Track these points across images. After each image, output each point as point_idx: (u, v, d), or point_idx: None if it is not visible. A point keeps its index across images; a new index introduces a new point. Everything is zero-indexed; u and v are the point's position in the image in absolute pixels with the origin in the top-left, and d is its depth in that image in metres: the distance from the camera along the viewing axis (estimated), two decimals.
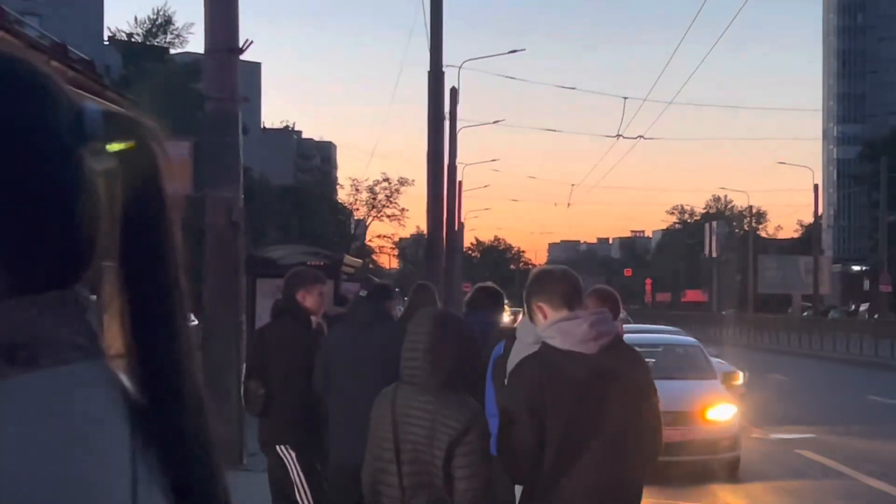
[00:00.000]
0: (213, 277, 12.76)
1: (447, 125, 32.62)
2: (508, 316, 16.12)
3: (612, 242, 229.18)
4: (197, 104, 31.68)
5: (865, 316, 65.58)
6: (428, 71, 26.87)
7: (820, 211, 75.41)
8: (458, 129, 38.90)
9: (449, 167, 33.51)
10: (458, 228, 46.99)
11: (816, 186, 69.37)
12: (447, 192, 31.93)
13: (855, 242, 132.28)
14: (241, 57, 13.04)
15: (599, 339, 4.30)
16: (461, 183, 49.15)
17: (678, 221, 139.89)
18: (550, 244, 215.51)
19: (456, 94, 37.01)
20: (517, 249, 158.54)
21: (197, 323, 13.57)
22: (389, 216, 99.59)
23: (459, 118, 38.70)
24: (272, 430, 7.45)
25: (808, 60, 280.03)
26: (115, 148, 1.01)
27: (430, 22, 26.61)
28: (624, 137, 41.39)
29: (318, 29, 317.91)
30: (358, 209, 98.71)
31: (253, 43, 13.02)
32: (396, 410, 4.28)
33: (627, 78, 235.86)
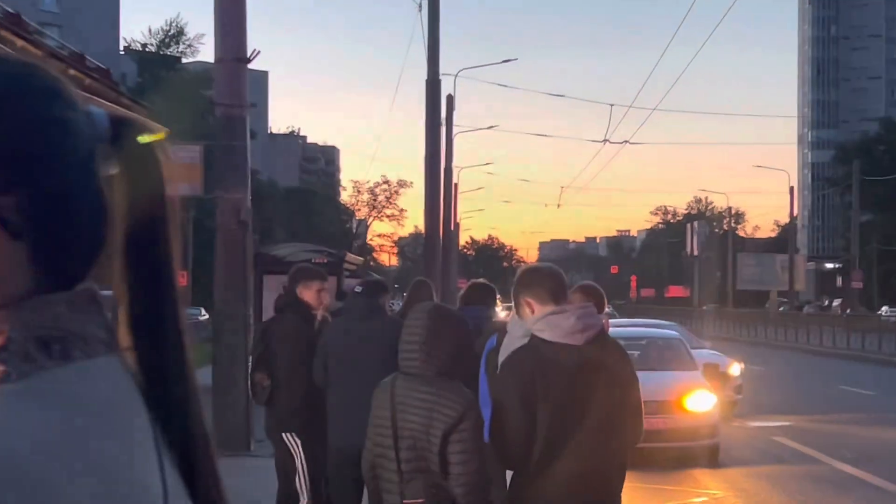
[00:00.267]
0: (223, 274, 12.76)
1: (444, 130, 32.58)
2: (502, 311, 16.18)
3: (599, 241, 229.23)
4: (207, 110, 31.70)
5: (838, 311, 65.58)
6: (426, 80, 26.87)
7: (795, 212, 75.56)
8: (454, 134, 38.87)
9: (445, 170, 33.47)
10: (454, 228, 47.04)
11: (792, 188, 69.70)
12: (444, 193, 31.92)
13: (828, 241, 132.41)
14: (248, 66, 13.06)
15: (586, 331, 4.33)
16: (457, 185, 49.23)
17: (662, 221, 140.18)
18: (541, 243, 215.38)
19: (452, 101, 36.96)
20: (510, 248, 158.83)
21: (208, 317, 13.56)
22: (389, 216, 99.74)
23: (455, 124, 38.67)
24: (278, 418, 7.47)
25: (784, 69, 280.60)
26: (146, 139, 1.02)
27: (427, 34, 26.64)
28: (611, 142, 41.29)
29: (322, 39, 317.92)
30: (359, 210, 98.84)
31: (260, 53, 13.05)
32: (395, 399, 4.29)
33: (614, 86, 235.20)
